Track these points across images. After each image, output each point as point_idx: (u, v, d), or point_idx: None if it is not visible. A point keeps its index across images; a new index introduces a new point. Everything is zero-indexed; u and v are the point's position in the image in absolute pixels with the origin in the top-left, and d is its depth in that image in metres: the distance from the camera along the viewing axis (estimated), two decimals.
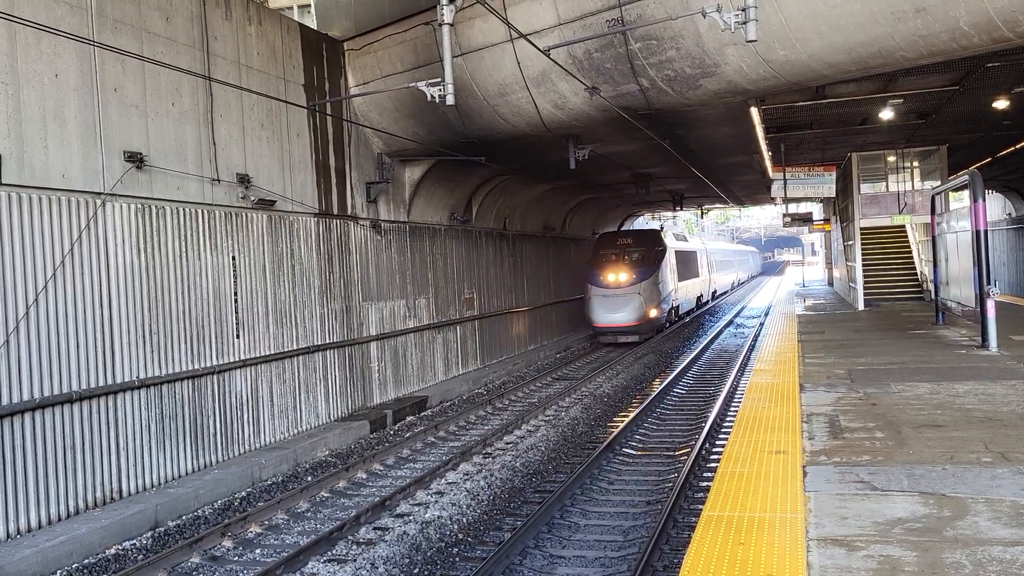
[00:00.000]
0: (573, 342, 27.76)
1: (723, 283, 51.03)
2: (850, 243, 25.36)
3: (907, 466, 6.61)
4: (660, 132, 16.47)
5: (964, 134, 21.81)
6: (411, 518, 9.74)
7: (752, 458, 7.12)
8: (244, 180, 12.49)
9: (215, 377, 11.73)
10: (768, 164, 23.63)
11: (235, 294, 12.26)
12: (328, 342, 14.54)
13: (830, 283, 38.94)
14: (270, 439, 12.81)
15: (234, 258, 12.29)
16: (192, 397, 11.27)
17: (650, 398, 16.18)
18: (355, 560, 8.45)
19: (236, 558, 8.88)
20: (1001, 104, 17.26)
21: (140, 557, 8.76)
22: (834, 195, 25.86)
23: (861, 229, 23.80)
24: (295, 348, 13.59)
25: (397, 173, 17.16)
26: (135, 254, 10.47)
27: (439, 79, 10.36)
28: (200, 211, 11.61)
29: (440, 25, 9.97)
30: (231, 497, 10.77)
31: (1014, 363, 11.58)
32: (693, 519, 9.06)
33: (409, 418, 15.83)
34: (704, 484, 10.49)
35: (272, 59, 13.34)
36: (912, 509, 5.55)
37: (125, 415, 10.17)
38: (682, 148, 19.64)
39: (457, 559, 8.62)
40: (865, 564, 4.65)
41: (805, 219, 34.09)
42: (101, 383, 9.86)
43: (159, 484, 10.58)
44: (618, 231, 31.19)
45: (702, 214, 49.98)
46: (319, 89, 14.54)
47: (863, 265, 23.89)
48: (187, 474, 11.05)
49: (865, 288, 23.60)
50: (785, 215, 32.84)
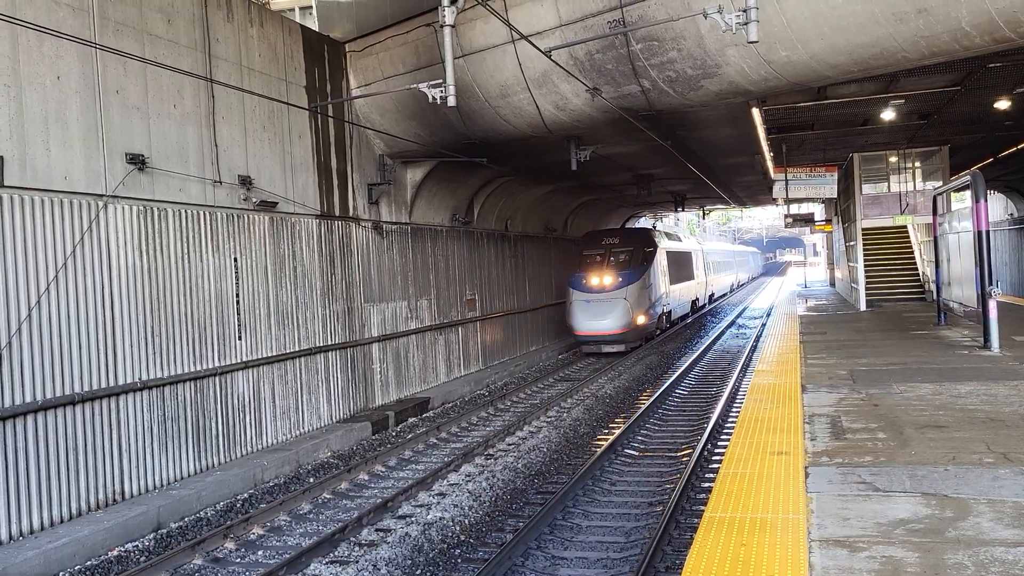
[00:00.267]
0: (575, 343, 27.74)
1: (721, 285, 48.20)
2: (852, 244, 25.34)
3: (909, 467, 6.61)
4: (662, 133, 16.48)
5: (966, 134, 21.80)
6: (413, 519, 9.74)
7: (754, 459, 7.12)
8: (246, 182, 12.50)
9: (217, 379, 11.74)
10: (770, 165, 23.62)
11: (237, 296, 12.27)
12: (330, 343, 14.54)
13: (832, 284, 38.91)
14: (272, 440, 12.81)
15: (236, 260, 12.30)
16: (194, 399, 11.28)
17: (652, 399, 16.17)
18: (357, 562, 8.46)
19: (238, 560, 8.88)
20: (1003, 104, 17.26)
21: (142, 559, 8.77)
22: (836, 196, 25.87)
23: (863, 230, 23.80)
24: (297, 350, 13.60)
25: (399, 174, 17.17)
26: (137, 256, 10.49)
27: (440, 80, 10.37)
28: (202, 213, 11.63)
29: (441, 26, 9.97)
30: (233, 499, 10.77)
31: (1016, 364, 11.57)
32: (695, 520, 9.06)
33: (411, 419, 15.83)
34: (706, 485, 10.48)
35: (274, 61, 13.36)
36: (914, 510, 5.55)
37: (127, 417, 10.18)
38: (684, 149, 19.64)
39: (459, 560, 8.63)
40: (867, 565, 4.65)
41: (807, 220, 34.07)
42: (103, 385, 9.87)
43: (161, 486, 10.59)
44: (604, 229, 29.08)
45: (704, 215, 49.97)
46: (321, 91, 14.56)
47: (865, 266, 23.88)
48: (189, 476, 11.05)
49: (867, 289, 23.58)
50: (787, 216, 32.79)
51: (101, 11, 10.10)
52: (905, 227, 25.69)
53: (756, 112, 15.89)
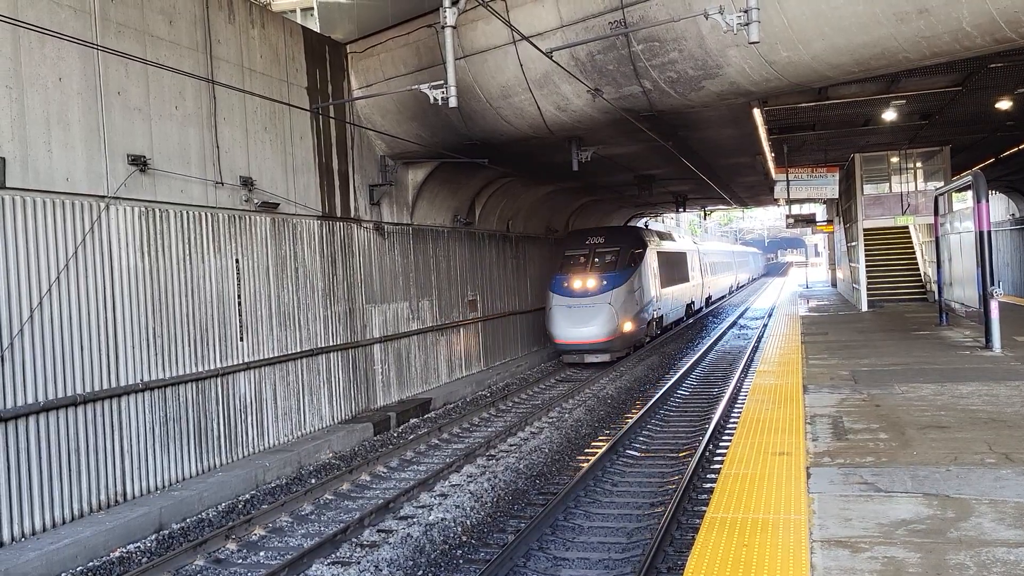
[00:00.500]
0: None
1: (720, 287, 45.74)
2: (853, 244, 25.34)
3: (911, 467, 6.60)
4: (663, 134, 16.48)
5: (967, 135, 21.79)
6: (415, 520, 9.73)
7: (756, 460, 7.12)
8: (247, 183, 12.51)
9: (219, 380, 11.75)
10: (771, 165, 23.61)
11: (239, 297, 12.28)
12: (332, 344, 14.55)
13: (833, 284, 38.91)
14: (274, 441, 12.82)
15: (238, 261, 12.31)
16: (196, 400, 11.28)
17: (653, 400, 16.17)
18: (359, 563, 8.46)
19: (240, 561, 8.89)
20: (1004, 105, 17.25)
21: (144, 560, 8.77)
22: (837, 196, 25.84)
23: (864, 230, 23.79)
24: (299, 351, 13.60)
25: (400, 175, 17.18)
26: (139, 257, 10.50)
27: (442, 81, 10.38)
28: (204, 214, 11.64)
29: (443, 27, 9.99)
30: (235, 500, 10.78)
31: (1018, 364, 11.56)
32: (697, 521, 9.05)
33: (413, 420, 15.83)
34: (708, 486, 10.48)
35: (275, 62, 13.37)
36: (916, 510, 5.55)
37: (129, 418, 10.19)
38: (685, 150, 19.63)
39: (461, 561, 8.63)
40: (869, 566, 4.65)
41: (808, 220, 34.09)
42: (105, 386, 9.88)
43: (163, 487, 10.60)
44: (588, 228, 27.18)
45: (705, 216, 49.96)
46: (322, 92, 14.57)
47: (866, 266, 23.87)
48: (191, 477, 11.06)
49: (868, 289, 23.57)
50: (788, 216, 32.81)
51: (103, 13, 10.11)
52: (907, 227, 25.67)
53: (757, 112, 15.89)
